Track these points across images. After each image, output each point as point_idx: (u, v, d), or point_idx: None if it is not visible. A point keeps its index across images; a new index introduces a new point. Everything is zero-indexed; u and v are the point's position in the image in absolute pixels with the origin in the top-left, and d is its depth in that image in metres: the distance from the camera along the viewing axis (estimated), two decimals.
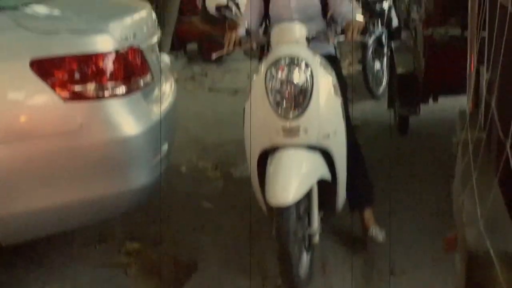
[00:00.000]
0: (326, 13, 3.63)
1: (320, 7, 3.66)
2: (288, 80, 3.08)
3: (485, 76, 2.38)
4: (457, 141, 2.73)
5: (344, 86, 3.57)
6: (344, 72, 4.22)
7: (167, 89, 3.90)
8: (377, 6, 7.52)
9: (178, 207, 4.42)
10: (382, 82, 7.61)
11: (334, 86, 3.27)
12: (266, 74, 3.11)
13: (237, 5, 11.15)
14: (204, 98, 7.95)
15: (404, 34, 6.39)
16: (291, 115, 3.06)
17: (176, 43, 10.05)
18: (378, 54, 7.57)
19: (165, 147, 3.46)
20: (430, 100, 5.51)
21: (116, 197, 3.20)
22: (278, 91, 3.09)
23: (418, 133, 5.89)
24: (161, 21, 8.36)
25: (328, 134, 3.15)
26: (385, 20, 7.60)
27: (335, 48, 3.77)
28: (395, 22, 7.61)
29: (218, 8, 3.67)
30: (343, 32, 3.41)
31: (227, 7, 3.63)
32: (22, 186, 3.02)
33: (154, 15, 4.03)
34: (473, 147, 2.04)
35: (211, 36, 9.13)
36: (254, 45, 3.61)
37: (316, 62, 3.21)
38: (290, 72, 3.08)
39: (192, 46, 10.38)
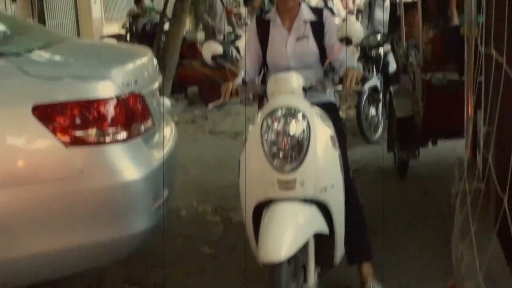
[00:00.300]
0: (324, 60, 3.61)
1: (318, 54, 3.65)
2: (284, 132, 2.98)
3: (482, 130, 2.40)
4: (456, 192, 2.72)
5: (343, 136, 3.53)
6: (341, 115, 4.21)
7: (168, 133, 3.93)
8: (373, 52, 7.66)
9: (178, 251, 4.40)
10: (378, 127, 7.61)
11: (331, 138, 3.19)
12: (262, 125, 3.02)
13: (237, 49, 11.34)
14: (204, 141, 7.98)
15: (402, 79, 6.43)
16: (287, 168, 2.96)
17: (177, 86, 10.15)
18: (373, 99, 7.58)
19: (165, 192, 3.46)
20: (430, 144, 5.54)
21: (116, 242, 3.18)
22: (274, 143, 2.99)
23: (418, 176, 5.89)
24: (162, 65, 8.47)
25: (325, 187, 3.05)
26: (380, 66, 7.74)
27: (334, 95, 3.75)
28: (392, 67, 7.69)
29: (214, 57, 3.61)
30: (341, 81, 3.33)
31: (222, 56, 3.60)
32: (22, 230, 3.01)
33: (155, 60, 4.08)
34: (471, 198, 2.03)
35: (211, 79, 9.22)
36: (251, 95, 3.56)
37: (313, 113, 3.14)
38: (286, 123, 2.99)
39: (193, 90, 10.47)
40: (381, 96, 7.63)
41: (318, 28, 3.65)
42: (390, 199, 5.06)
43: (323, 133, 3.13)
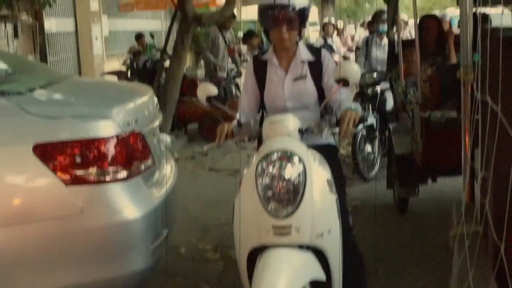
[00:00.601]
0: (323, 101, 3.53)
1: (316, 95, 3.59)
2: (280, 176, 2.88)
3: (479, 175, 2.41)
4: (454, 235, 2.71)
5: (342, 179, 3.46)
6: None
7: (168, 171, 3.94)
8: (370, 90, 7.71)
9: None
10: (375, 165, 7.60)
11: (328, 182, 3.08)
12: (256, 168, 2.92)
13: (236, 86, 11.37)
14: (204, 178, 7.97)
15: (401, 116, 6.47)
16: (282, 213, 2.84)
17: (177, 123, 10.19)
18: (369, 137, 7.54)
19: (165, 230, 3.46)
20: (429, 181, 5.55)
21: (114, 281, 3.18)
22: (268, 187, 2.88)
23: (417, 214, 5.89)
24: (162, 102, 8.52)
25: (322, 232, 2.92)
26: (377, 104, 7.77)
27: (333, 136, 3.67)
28: (389, 105, 7.73)
29: (208, 98, 3.55)
30: (338, 122, 3.21)
31: (217, 97, 3.54)
32: (20, 269, 3.02)
33: (155, 99, 4.11)
34: (469, 242, 2.02)
35: (211, 116, 9.27)
36: (246, 137, 3.49)
37: (310, 156, 3.04)
38: (281, 167, 2.89)
39: (193, 126, 10.51)
40: (377, 133, 7.68)
41: (316, 68, 3.59)
42: (388, 238, 5.06)
43: (319, 177, 3.03)
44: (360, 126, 6.96)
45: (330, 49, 12.30)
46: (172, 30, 10.59)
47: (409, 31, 11.16)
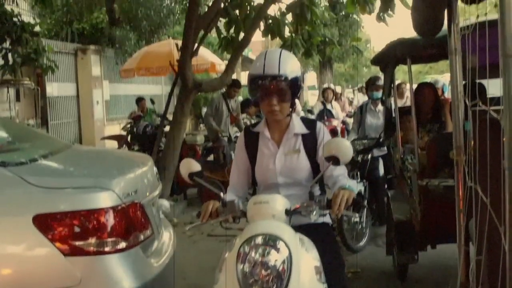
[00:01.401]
0: (315, 177, 3.16)
1: (309, 171, 3.29)
2: (263, 262, 2.61)
3: (474, 258, 2.42)
4: None
5: (339, 261, 3.19)
6: None
7: (167, 239, 3.95)
8: (359, 157, 7.42)
9: None
10: (363, 235, 7.14)
11: (317, 269, 2.82)
12: (238, 253, 2.67)
13: (229, 138, 11.27)
14: (203, 243, 7.93)
15: (399, 183, 6.49)
16: None
17: (176, 188, 10.21)
18: (356, 206, 7.22)
19: None
20: (429, 247, 5.53)
21: None
22: (250, 274, 2.62)
23: (418, 279, 5.85)
24: (162, 167, 8.57)
25: None
26: (366, 171, 7.40)
27: (329, 214, 3.30)
28: (381, 172, 7.66)
29: (191, 175, 3.21)
30: (330, 203, 2.89)
31: (200, 173, 3.23)
32: None
33: (155, 169, 4.15)
34: None
35: (211, 181, 9.29)
36: (231, 218, 3.11)
37: (297, 242, 2.78)
38: (265, 253, 2.63)
39: (192, 191, 10.51)
40: (366, 202, 7.17)
41: (310, 141, 3.32)
42: None
43: (307, 264, 2.77)
44: (355, 215, 6.44)
45: (330, 115, 12.43)
46: (173, 93, 10.74)
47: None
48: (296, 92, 3.19)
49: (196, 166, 3.24)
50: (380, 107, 8.47)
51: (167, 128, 10.41)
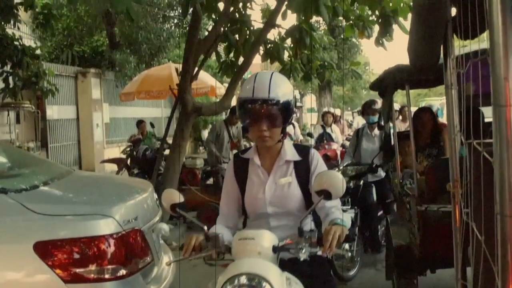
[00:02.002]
0: (309, 206, 2.89)
1: (301, 201, 3.05)
2: None
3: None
4: None
5: None
6: None
7: (166, 266, 3.94)
8: (351, 183, 7.15)
9: None
10: (354, 264, 6.87)
11: None
12: None
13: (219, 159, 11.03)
14: (202, 268, 7.91)
15: (399, 207, 6.49)
16: None
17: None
18: (348, 239, 6.87)
19: None
20: (428, 271, 5.53)
21: None
22: None
23: None
24: (161, 191, 8.57)
25: None
26: (358, 198, 7.09)
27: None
28: (373, 198, 7.59)
29: (173, 207, 3.01)
30: (320, 240, 2.67)
31: (182, 205, 3.03)
32: None
33: (155, 195, 4.16)
34: None
35: (210, 205, 9.32)
36: (215, 254, 2.88)
37: (283, 282, 2.59)
38: None
39: (192, 215, 10.48)
40: (356, 230, 6.91)
41: (303, 169, 3.10)
42: None
43: None
44: (345, 245, 6.35)
45: (329, 138, 12.45)
46: (173, 117, 10.78)
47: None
48: (288, 116, 2.93)
49: (179, 197, 3.03)
50: (376, 131, 8.26)
51: (167, 152, 10.43)
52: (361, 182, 7.37)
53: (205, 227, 2.90)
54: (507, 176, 1.46)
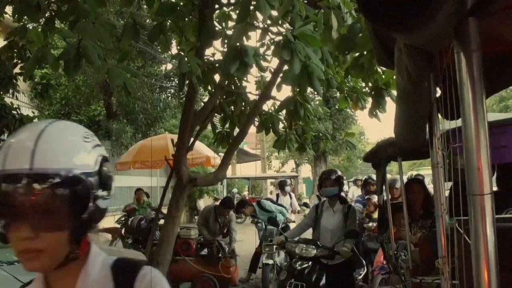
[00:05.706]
0: None
1: None
2: None
3: None
4: None
5: None
6: None
7: None
8: (297, 264, 6.77)
9: None
10: None
11: None
12: None
13: (220, 244, 11.11)
14: None
15: (393, 278, 6.46)
16: None
17: (170, 283, 10.08)
18: None
19: None
20: None
21: None
22: None
23: None
24: (155, 261, 8.52)
25: None
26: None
27: None
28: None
29: None
30: None
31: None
32: None
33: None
34: None
35: (204, 276, 9.26)
36: None
37: None
38: None
39: (185, 286, 10.41)
40: None
41: None
42: None
43: None
44: None
45: (345, 196, 12.47)
46: (168, 187, 10.81)
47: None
48: (90, 208, 1.57)
49: None
50: (338, 206, 7.20)
51: (162, 221, 10.40)
52: (309, 264, 6.72)
53: None
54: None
